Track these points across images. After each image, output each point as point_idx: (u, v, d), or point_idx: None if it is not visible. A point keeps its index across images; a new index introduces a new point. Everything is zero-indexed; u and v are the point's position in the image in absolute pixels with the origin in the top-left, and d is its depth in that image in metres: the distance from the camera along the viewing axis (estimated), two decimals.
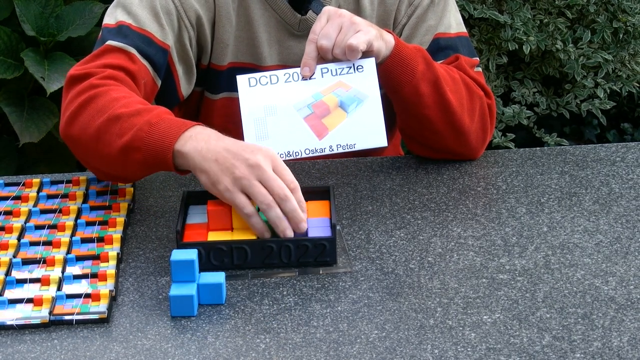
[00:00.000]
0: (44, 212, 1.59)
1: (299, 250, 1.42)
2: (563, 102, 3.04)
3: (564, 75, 3.05)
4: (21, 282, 1.40)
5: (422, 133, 1.71)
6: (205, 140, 1.45)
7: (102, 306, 1.34)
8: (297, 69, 1.57)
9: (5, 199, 1.64)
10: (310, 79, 1.57)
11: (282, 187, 1.41)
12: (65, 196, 1.64)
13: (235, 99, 1.59)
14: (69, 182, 1.69)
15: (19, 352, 1.28)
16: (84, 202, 1.62)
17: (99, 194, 1.64)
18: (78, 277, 1.41)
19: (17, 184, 1.68)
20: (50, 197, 1.64)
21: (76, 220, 1.55)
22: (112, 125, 1.51)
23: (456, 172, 1.72)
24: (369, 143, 1.57)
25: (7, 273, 1.42)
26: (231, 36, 1.75)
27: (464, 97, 1.70)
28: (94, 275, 1.41)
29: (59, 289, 1.38)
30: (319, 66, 1.57)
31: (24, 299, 1.36)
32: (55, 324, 1.33)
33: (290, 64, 1.75)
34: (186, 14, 1.71)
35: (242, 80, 1.57)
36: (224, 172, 1.42)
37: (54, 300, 1.35)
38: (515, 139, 2.98)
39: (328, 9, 1.58)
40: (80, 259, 1.45)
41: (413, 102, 1.66)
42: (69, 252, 1.47)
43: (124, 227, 1.54)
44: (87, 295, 1.36)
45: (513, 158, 1.78)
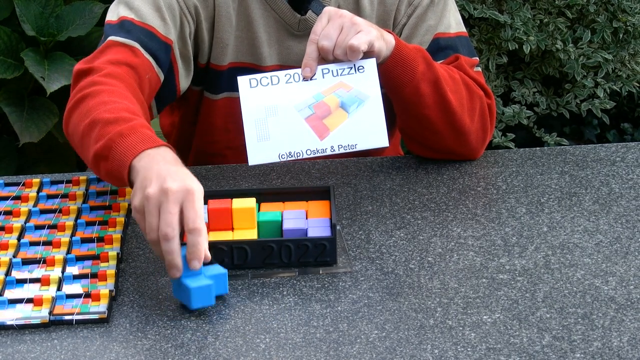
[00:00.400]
0: (44, 212, 1.59)
1: (299, 250, 1.42)
2: (563, 102, 3.04)
3: (564, 75, 3.05)
4: (21, 282, 1.40)
5: (422, 133, 1.71)
6: (155, 160, 1.40)
7: (102, 306, 1.34)
8: (298, 70, 1.57)
9: (5, 199, 1.64)
10: (311, 79, 1.57)
11: (167, 225, 1.32)
12: (65, 196, 1.64)
13: (236, 99, 1.58)
14: (69, 182, 1.69)
15: (19, 352, 1.28)
16: (84, 202, 1.62)
17: (99, 194, 1.64)
18: (78, 277, 1.41)
19: (17, 184, 1.68)
20: (50, 197, 1.64)
21: (76, 220, 1.55)
22: (92, 130, 1.50)
23: (456, 172, 1.72)
24: (370, 143, 1.57)
25: (7, 273, 1.42)
26: (231, 36, 1.75)
27: (464, 97, 1.70)
28: (94, 275, 1.41)
29: (59, 289, 1.38)
30: (320, 67, 1.57)
31: (24, 299, 1.36)
32: (55, 324, 1.33)
33: (290, 64, 1.75)
34: (187, 9, 1.71)
35: (243, 81, 1.57)
36: (140, 188, 1.36)
37: (54, 300, 1.35)
38: (515, 139, 2.98)
39: (329, 9, 1.58)
40: (80, 259, 1.45)
41: (413, 102, 1.66)
42: (69, 252, 1.47)
43: (124, 227, 1.54)
44: (87, 295, 1.36)
45: (513, 158, 1.78)
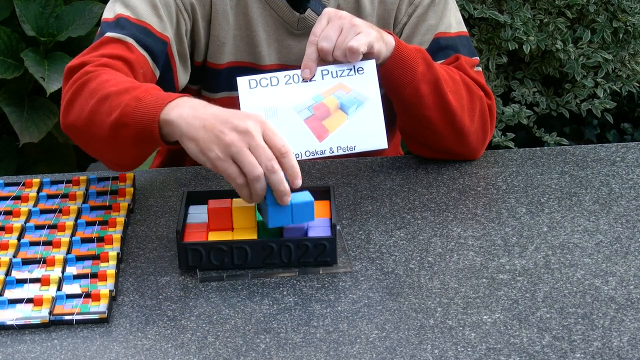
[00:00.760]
0: (44, 212, 1.59)
1: (299, 250, 1.42)
2: (563, 101, 3.04)
3: (564, 75, 3.05)
4: (21, 282, 1.40)
5: (423, 133, 1.71)
6: (191, 107, 1.42)
7: (102, 306, 1.34)
8: (298, 71, 1.57)
9: (5, 199, 1.64)
10: (310, 80, 1.57)
11: (269, 158, 1.36)
12: (65, 196, 1.64)
13: (236, 98, 1.59)
14: (69, 182, 1.69)
15: (19, 352, 1.28)
16: (84, 202, 1.62)
17: (99, 194, 1.64)
18: (78, 277, 1.41)
19: (17, 184, 1.68)
20: (50, 197, 1.64)
21: (76, 220, 1.55)
22: (102, 105, 1.50)
23: (456, 172, 1.72)
24: (369, 145, 1.57)
25: (7, 273, 1.42)
26: (229, 35, 1.75)
27: (464, 98, 1.70)
28: (94, 275, 1.41)
29: (59, 289, 1.38)
30: (320, 68, 1.57)
31: (24, 299, 1.36)
32: (55, 324, 1.33)
33: (289, 63, 1.75)
34: (184, 7, 1.71)
35: (242, 82, 1.57)
36: (213, 140, 1.38)
37: (54, 300, 1.35)
38: (515, 139, 2.98)
39: (328, 10, 1.58)
40: (80, 259, 1.45)
41: (413, 103, 1.66)
42: (69, 252, 1.47)
43: (124, 227, 1.54)
44: (87, 295, 1.36)
45: (513, 158, 1.78)
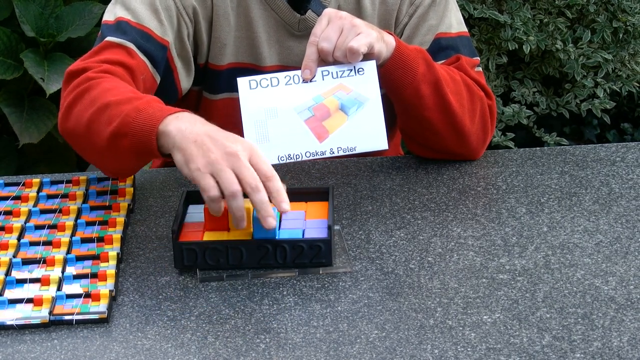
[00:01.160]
0: (44, 212, 1.59)
1: (295, 251, 1.42)
2: (563, 101, 3.04)
3: (564, 75, 3.05)
4: (21, 282, 1.40)
5: (423, 134, 1.71)
6: (189, 122, 1.43)
7: (102, 306, 1.34)
8: (298, 72, 1.57)
9: (5, 199, 1.64)
10: (310, 81, 1.57)
11: (254, 178, 1.37)
12: (65, 196, 1.64)
13: (236, 99, 1.59)
14: (69, 182, 1.69)
15: (19, 352, 1.28)
16: (84, 202, 1.62)
17: (99, 194, 1.64)
18: (78, 277, 1.41)
19: (17, 184, 1.68)
20: (50, 197, 1.64)
21: (76, 220, 1.55)
22: (102, 114, 1.50)
23: (456, 172, 1.72)
24: (369, 146, 1.57)
25: (7, 273, 1.42)
26: (230, 36, 1.75)
27: (465, 98, 1.70)
28: (94, 275, 1.41)
29: (59, 289, 1.38)
30: (320, 69, 1.57)
31: (24, 299, 1.36)
32: (55, 324, 1.33)
33: (290, 64, 1.75)
34: (185, 10, 1.71)
35: (243, 82, 1.57)
36: (200, 154, 1.39)
37: (54, 300, 1.35)
38: (515, 139, 2.98)
39: (329, 11, 1.58)
40: (80, 259, 1.45)
41: (414, 103, 1.66)
42: (69, 252, 1.47)
43: (124, 227, 1.54)
44: (87, 295, 1.36)
45: (513, 158, 1.78)
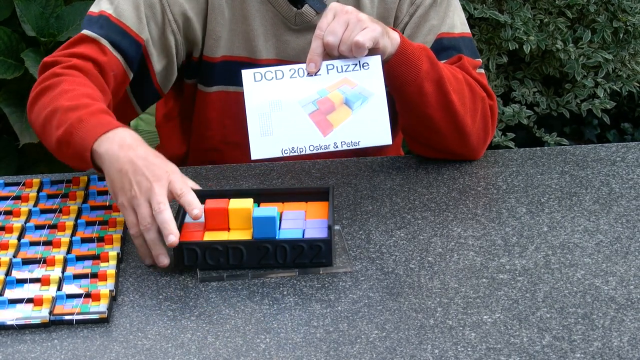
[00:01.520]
0: (44, 212, 1.59)
1: (295, 251, 1.42)
2: (563, 101, 3.04)
3: (564, 75, 3.05)
4: (21, 282, 1.40)
5: (424, 133, 1.71)
6: (119, 145, 1.47)
7: (102, 306, 1.34)
8: (303, 65, 1.56)
9: (5, 199, 1.64)
10: (315, 75, 1.56)
11: (165, 220, 1.39)
12: (65, 196, 1.64)
13: (231, 93, 1.59)
14: (69, 182, 1.69)
15: (19, 352, 1.28)
16: (84, 202, 1.62)
17: (99, 193, 1.64)
18: (78, 277, 1.41)
19: (17, 184, 1.68)
20: (50, 197, 1.64)
21: (76, 220, 1.55)
22: (54, 117, 1.56)
23: (456, 172, 1.72)
24: (373, 141, 1.56)
25: (7, 273, 1.42)
26: (224, 29, 1.76)
27: (467, 98, 1.70)
28: (94, 275, 1.41)
29: (59, 289, 1.38)
30: (325, 62, 1.56)
31: (24, 299, 1.36)
32: (55, 324, 1.33)
33: (287, 58, 1.75)
34: (170, 9, 1.72)
35: (247, 74, 1.56)
36: (123, 187, 1.44)
37: (54, 300, 1.35)
38: (515, 139, 2.98)
39: (334, 5, 1.58)
40: (80, 259, 1.45)
41: (416, 100, 1.66)
42: (69, 252, 1.47)
43: (124, 227, 1.54)
44: (87, 295, 1.36)
45: (513, 158, 1.78)
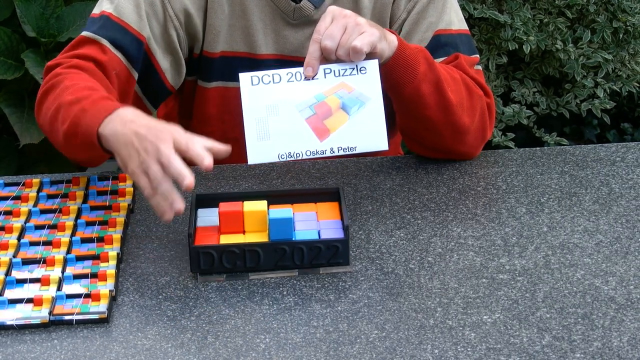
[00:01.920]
0: (44, 212, 1.59)
1: (312, 252, 1.42)
2: (563, 101, 3.04)
3: (564, 75, 3.05)
4: (21, 282, 1.40)
5: (422, 133, 1.71)
6: (121, 121, 1.48)
7: (102, 306, 1.34)
8: (300, 68, 1.56)
9: (5, 199, 1.64)
10: (312, 79, 1.56)
11: (156, 173, 1.41)
12: (65, 196, 1.64)
13: (231, 89, 1.59)
14: (69, 182, 1.69)
15: (19, 352, 1.28)
16: (84, 202, 1.62)
17: (99, 194, 1.64)
18: (78, 277, 1.41)
19: (17, 184, 1.68)
20: (50, 197, 1.64)
21: (76, 220, 1.55)
22: (58, 114, 1.58)
23: (456, 172, 1.72)
24: (370, 146, 1.56)
25: (7, 273, 1.42)
26: (223, 24, 1.76)
27: (464, 97, 1.70)
28: (94, 275, 1.41)
29: (59, 289, 1.38)
30: (322, 66, 1.56)
31: (24, 299, 1.36)
32: (55, 324, 1.33)
33: (286, 53, 1.76)
34: (171, 5, 1.73)
35: (245, 78, 1.56)
36: (131, 156, 1.44)
37: (54, 300, 1.35)
38: (515, 139, 2.98)
39: (332, 8, 1.58)
40: (80, 259, 1.45)
41: (414, 102, 1.66)
42: (69, 252, 1.47)
43: (124, 227, 1.54)
44: (87, 295, 1.36)
45: (513, 158, 1.78)
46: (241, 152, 1.58)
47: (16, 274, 1.42)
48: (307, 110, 1.55)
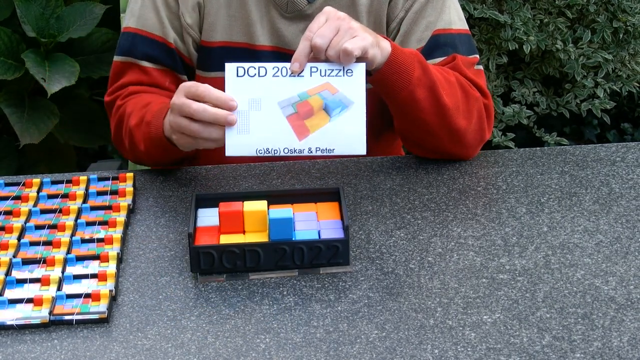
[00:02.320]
0: (44, 212, 1.59)
1: (312, 252, 1.42)
2: (563, 101, 3.04)
3: (564, 75, 3.05)
4: (21, 282, 1.40)
5: (419, 135, 1.71)
6: (164, 116, 1.63)
7: (102, 306, 1.35)
8: (287, 64, 1.55)
9: (5, 199, 1.64)
10: (298, 75, 1.55)
11: (207, 110, 1.53)
12: (65, 196, 1.64)
13: None
14: (69, 182, 1.69)
15: (19, 352, 1.28)
16: (84, 202, 1.62)
17: (99, 194, 1.64)
18: (78, 277, 1.41)
19: (17, 184, 1.68)
20: (50, 197, 1.64)
21: (76, 220, 1.55)
22: (133, 139, 1.72)
23: (456, 172, 1.72)
24: (347, 150, 1.55)
25: (7, 273, 1.42)
26: (219, 13, 1.79)
27: (460, 100, 1.70)
28: (94, 275, 1.41)
29: (59, 289, 1.38)
30: (309, 64, 1.55)
31: (24, 299, 1.36)
32: (55, 324, 1.33)
33: (282, 46, 1.78)
34: (185, 2, 1.79)
35: (230, 68, 1.56)
36: (182, 138, 1.58)
37: (54, 300, 1.35)
38: (515, 139, 2.98)
39: (328, 9, 1.58)
40: (80, 259, 1.45)
41: (409, 106, 1.66)
42: (69, 252, 1.47)
43: (124, 227, 1.54)
44: (87, 295, 1.36)
45: (513, 158, 1.78)
46: None
47: (16, 274, 1.42)
48: (289, 108, 1.55)
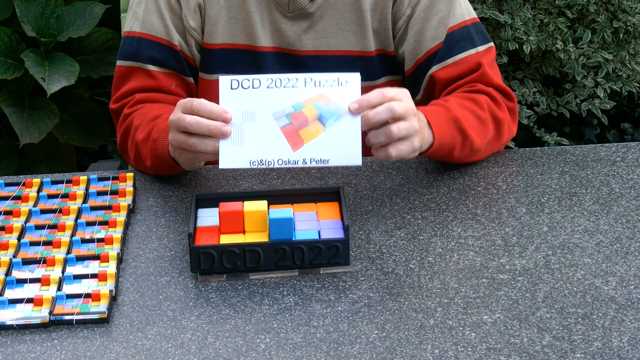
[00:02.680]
0: (44, 212, 1.59)
1: (312, 252, 1.42)
2: (563, 101, 3.04)
3: (564, 75, 3.05)
4: (21, 282, 1.40)
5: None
6: (167, 134, 1.61)
7: (102, 306, 1.35)
8: (281, 75, 1.53)
9: (5, 199, 1.64)
10: (293, 86, 1.54)
11: (205, 122, 1.51)
12: (65, 196, 1.64)
13: None
14: (69, 182, 1.69)
15: (19, 352, 1.28)
16: (84, 202, 1.62)
17: (99, 194, 1.64)
18: (78, 277, 1.41)
19: (17, 184, 1.68)
20: (50, 197, 1.64)
21: (76, 220, 1.55)
22: (139, 154, 1.71)
23: (456, 172, 1.72)
24: (343, 161, 1.53)
25: (7, 273, 1.42)
26: (220, 15, 1.79)
27: (492, 138, 1.73)
28: (94, 275, 1.41)
29: (59, 289, 1.38)
30: (303, 75, 1.53)
31: (24, 299, 1.36)
32: (55, 324, 1.33)
33: (284, 46, 1.78)
34: (187, 4, 1.78)
35: (224, 81, 1.54)
36: (181, 153, 1.58)
37: (54, 300, 1.35)
38: (516, 139, 2.98)
39: (393, 93, 1.53)
40: (80, 259, 1.45)
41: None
42: (69, 252, 1.47)
43: (124, 227, 1.54)
44: (87, 295, 1.36)
45: (513, 158, 1.78)
46: None
47: (16, 274, 1.42)
48: (284, 119, 1.53)
